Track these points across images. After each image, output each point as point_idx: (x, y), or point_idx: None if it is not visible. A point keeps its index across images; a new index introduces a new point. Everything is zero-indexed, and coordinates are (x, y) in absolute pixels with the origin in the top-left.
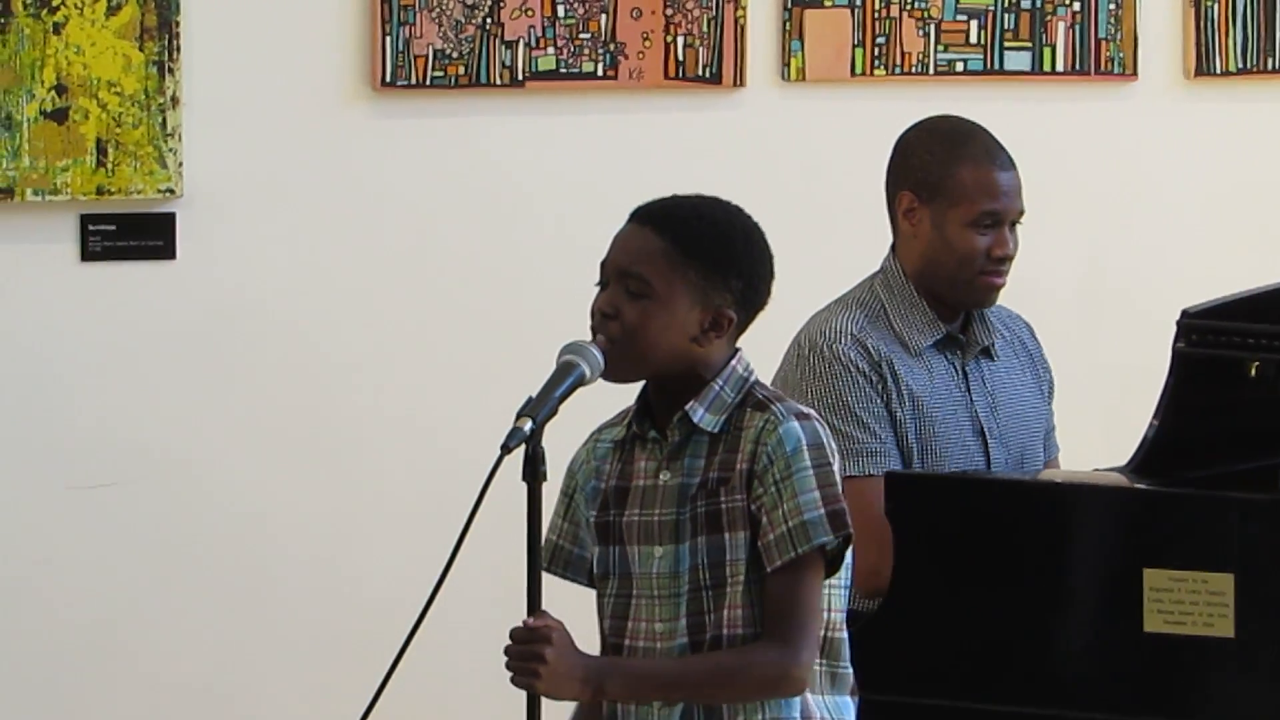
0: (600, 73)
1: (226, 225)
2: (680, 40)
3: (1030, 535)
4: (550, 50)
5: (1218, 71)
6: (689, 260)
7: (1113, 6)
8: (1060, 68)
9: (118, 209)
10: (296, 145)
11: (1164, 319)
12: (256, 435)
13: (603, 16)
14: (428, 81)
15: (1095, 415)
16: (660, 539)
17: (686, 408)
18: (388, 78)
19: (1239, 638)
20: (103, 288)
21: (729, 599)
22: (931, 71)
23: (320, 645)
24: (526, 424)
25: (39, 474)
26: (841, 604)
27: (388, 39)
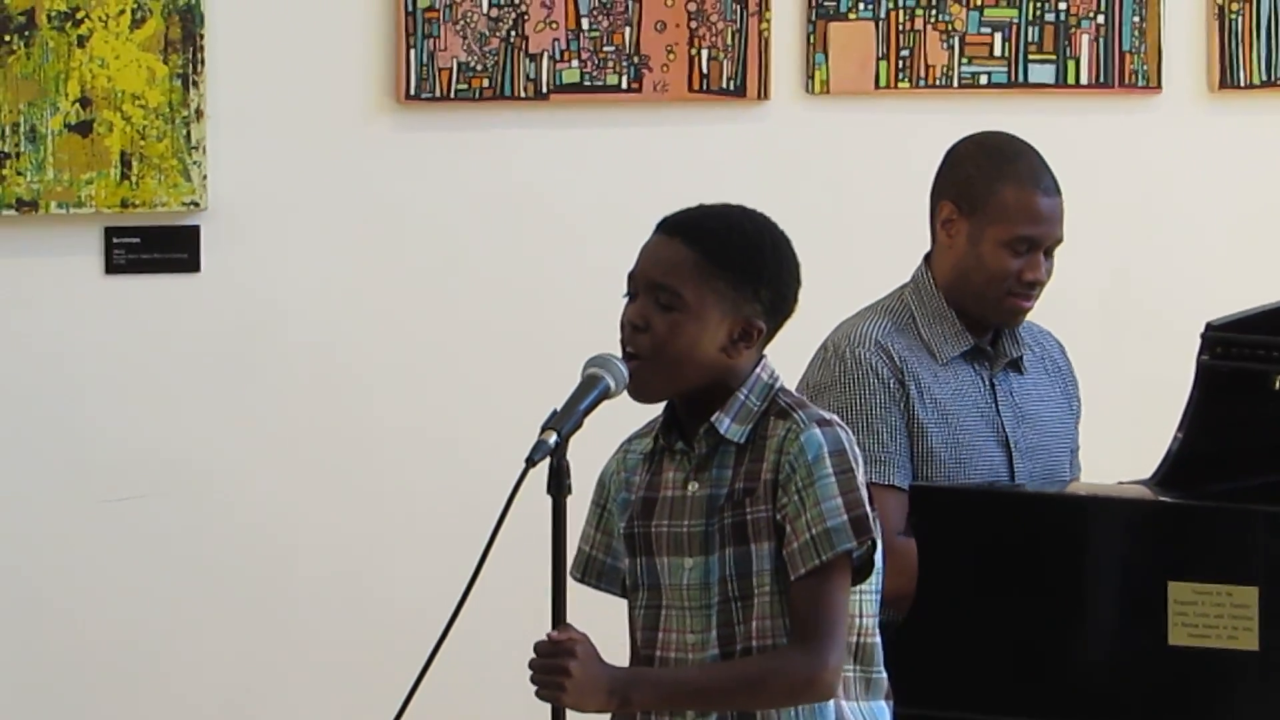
0: (624, 85)
1: (250, 238)
2: (704, 53)
3: (1055, 548)
4: (574, 63)
5: (1242, 84)
6: (720, 271)
7: (1137, 19)
8: (1084, 81)
9: (142, 222)
10: (320, 158)
11: (1188, 332)
12: (281, 448)
13: (627, 29)
14: (452, 94)
15: (1120, 428)
16: (690, 550)
17: (713, 419)
18: (412, 90)
19: (1263, 651)
20: (127, 301)
21: (757, 610)
22: (955, 84)
23: (345, 659)
24: (551, 437)
25: (62, 487)
26: (873, 609)
27: (412, 51)
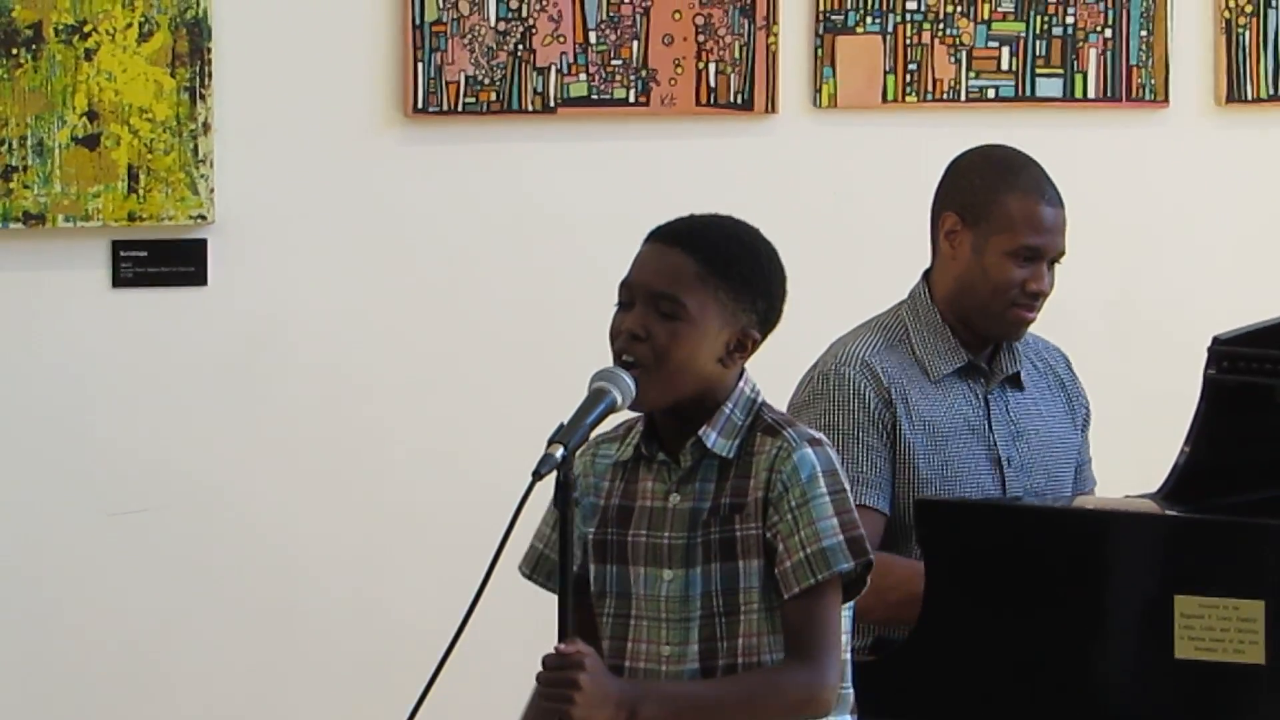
0: (632, 99)
1: (258, 251)
2: (712, 67)
3: (1061, 562)
4: (582, 76)
5: (1249, 98)
6: (721, 281)
7: (1144, 33)
8: (1092, 94)
9: (149, 235)
10: (328, 172)
11: (1195, 345)
12: (288, 461)
13: (635, 43)
14: (459, 108)
15: (1126, 442)
16: (670, 562)
17: (700, 433)
18: (420, 104)
19: (1270, 664)
20: (134, 314)
21: (744, 627)
22: (963, 98)
23: (352, 671)
24: (558, 450)
25: (69, 499)
26: (849, 626)
27: (420, 65)
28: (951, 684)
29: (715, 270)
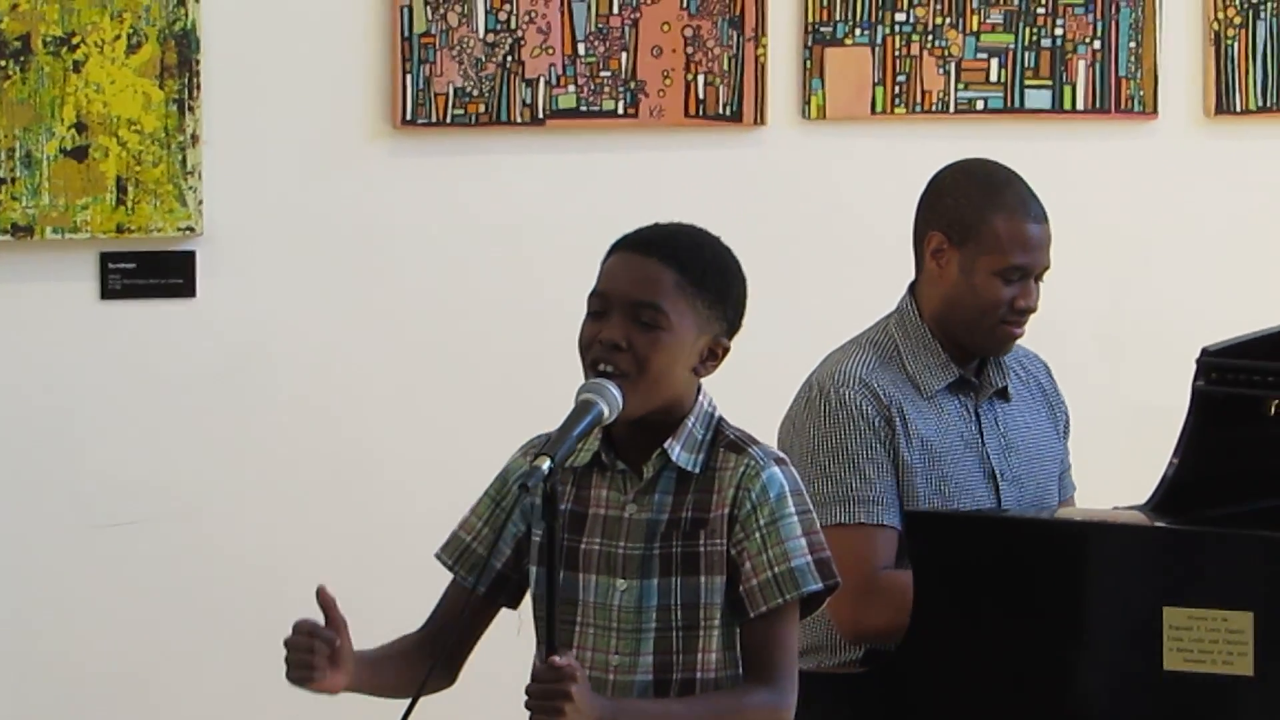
0: (621, 111)
1: (246, 263)
2: (701, 78)
3: (1050, 573)
4: (571, 88)
5: (1238, 110)
6: (697, 290)
7: (1133, 45)
8: (1080, 106)
9: (137, 247)
10: (317, 183)
11: (1184, 357)
12: (276, 473)
13: (623, 54)
14: (448, 119)
15: (1115, 453)
16: (625, 572)
17: (665, 445)
18: (408, 115)
19: (1258, 676)
20: (122, 326)
21: (703, 642)
22: (952, 110)
23: None
24: (545, 463)
25: (56, 512)
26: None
27: (408, 77)
28: (942, 696)
29: (692, 279)
